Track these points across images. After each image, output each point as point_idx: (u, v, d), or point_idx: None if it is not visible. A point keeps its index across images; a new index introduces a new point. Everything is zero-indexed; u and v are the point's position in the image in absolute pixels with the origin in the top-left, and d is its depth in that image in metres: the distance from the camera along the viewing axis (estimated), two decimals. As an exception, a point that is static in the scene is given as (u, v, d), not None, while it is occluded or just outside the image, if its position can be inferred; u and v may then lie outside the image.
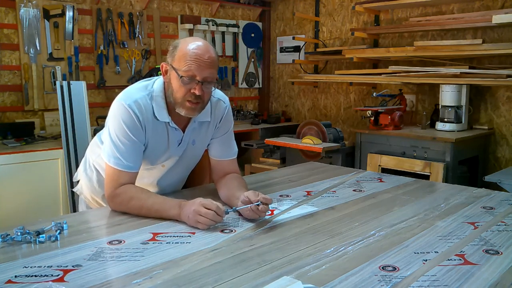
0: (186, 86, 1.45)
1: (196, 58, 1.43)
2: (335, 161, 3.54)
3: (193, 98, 1.46)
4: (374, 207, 1.59)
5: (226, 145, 1.72)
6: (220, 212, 1.34)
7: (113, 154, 1.48)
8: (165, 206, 1.42)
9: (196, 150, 1.70)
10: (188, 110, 1.49)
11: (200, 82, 1.45)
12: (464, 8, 3.62)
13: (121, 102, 1.49)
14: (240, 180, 1.67)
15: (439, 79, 3.44)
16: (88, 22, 3.78)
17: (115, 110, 1.50)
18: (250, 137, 4.49)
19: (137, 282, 1.00)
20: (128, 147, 1.48)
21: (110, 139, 1.49)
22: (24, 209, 2.88)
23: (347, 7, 4.38)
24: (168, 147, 1.59)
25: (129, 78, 3.98)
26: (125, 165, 1.49)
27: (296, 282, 1.00)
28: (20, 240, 1.22)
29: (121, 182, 1.49)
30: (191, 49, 1.44)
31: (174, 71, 1.46)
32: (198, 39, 1.50)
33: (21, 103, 3.46)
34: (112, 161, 1.48)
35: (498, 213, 1.52)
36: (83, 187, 1.79)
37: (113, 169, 1.49)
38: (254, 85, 5.09)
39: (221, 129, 1.70)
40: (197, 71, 1.43)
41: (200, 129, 1.64)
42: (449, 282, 1.00)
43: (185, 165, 1.73)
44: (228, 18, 4.80)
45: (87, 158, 1.77)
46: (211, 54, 1.46)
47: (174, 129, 1.57)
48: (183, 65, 1.44)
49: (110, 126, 1.51)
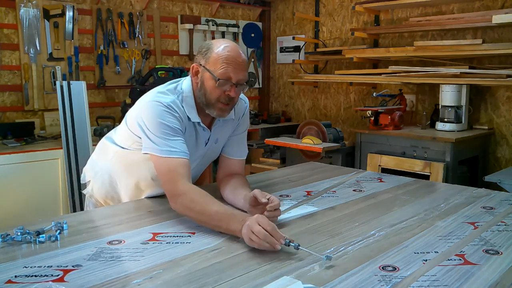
0: (221, 88, 1.46)
1: (232, 61, 1.45)
2: (335, 161, 3.53)
3: (226, 100, 1.48)
4: (374, 207, 1.59)
5: (240, 145, 1.74)
6: (275, 235, 1.17)
7: (163, 147, 1.44)
8: (229, 217, 1.29)
9: (217, 148, 1.71)
10: (219, 111, 1.51)
11: (234, 84, 1.46)
12: (464, 8, 3.62)
13: (156, 103, 1.47)
14: (245, 182, 1.66)
15: (439, 79, 3.44)
16: (88, 22, 3.78)
17: (152, 112, 1.46)
18: (250, 137, 4.49)
19: (137, 282, 1.00)
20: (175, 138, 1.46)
21: (154, 136, 1.45)
22: (24, 209, 2.88)
23: (347, 7, 4.38)
24: (197, 147, 1.60)
25: (129, 78, 3.97)
26: (179, 152, 1.44)
27: (296, 282, 1.00)
28: (20, 240, 1.22)
29: (179, 172, 1.42)
30: (226, 51, 1.46)
31: (209, 73, 1.47)
32: (229, 41, 1.52)
33: (21, 103, 3.46)
34: (165, 151, 1.43)
35: (498, 213, 1.52)
36: (94, 191, 1.77)
37: (168, 159, 1.43)
38: (254, 85, 5.09)
39: (240, 128, 1.72)
40: (232, 73, 1.45)
41: (223, 127, 1.66)
42: (449, 282, 1.00)
43: (205, 164, 1.75)
44: (228, 18, 4.80)
45: (96, 162, 1.75)
46: (243, 56, 1.49)
47: (203, 129, 1.58)
48: (218, 67, 1.45)
49: (150, 128, 1.46)
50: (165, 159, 1.43)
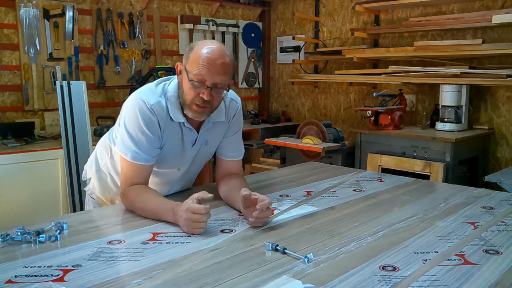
0: (195, 90, 1.44)
1: (208, 63, 1.42)
2: (335, 161, 3.53)
3: (201, 102, 1.46)
4: (374, 207, 1.59)
5: (235, 145, 1.73)
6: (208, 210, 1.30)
7: (130, 148, 1.48)
8: (162, 211, 1.41)
9: (209, 150, 1.70)
10: (195, 113, 1.49)
11: (209, 88, 1.44)
12: (464, 8, 3.62)
13: (138, 100, 1.49)
14: (243, 181, 1.66)
15: (439, 79, 3.44)
16: (88, 22, 3.78)
17: (133, 108, 1.49)
18: (250, 137, 4.49)
19: (137, 282, 1.00)
20: (145, 142, 1.48)
21: (127, 134, 1.48)
22: (24, 209, 2.88)
23: (347, 7, 4.38)
24: (183, 148, 1.59)
25: (129, 78, 3.97)
26: (142, 158, 1.48)
27: (296, 282, 1.00)
28: (20, 240, 1.22)
29: (137, 176, 1.49)
30: (204, 53, 1.42)
31: (186, 73, 1.46)
32: (215, 42, 1.49)
33: (21, 103, 3.46)
34: (130, 155, 1.48)
35: (498, 213, 1.52)
36: (95, 188, 1.78)
37: (130, 163, 1.49)
38: (254, 85, 5.09)
39: (232, 129, 1.70)
40: (207, 76, 1.42)
41: (214, 129, 1.64)
42: (449, 282, 1.00)
43: (198, 165, 1.74)
44: (228, 18, 4.80)
45: (98, 160, 1.76)
46: (225, 59, 1.44)
47: (189, 129, 1.57)
48: (194, 68, 1.43)
49: (126, 123, 1.49)
50: (129, 162, 1.49)
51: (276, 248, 1.18)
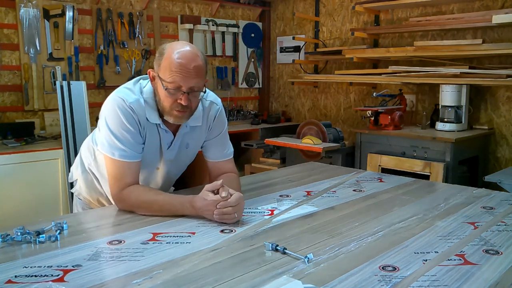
0: (172, 97, 1.44)
1: (181, 69, 1.40)
2: (335, 161, 3.53)
3: (180, 108, 1.46)
4: (374, 207, 1.59)
5: (221, 146, 1.72)
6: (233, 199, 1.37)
7: (117, 147, 1.47)
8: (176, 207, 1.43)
9: (190, 152, 1.70)
10: (176, 118, 1.49)
11: (186, 93, 1.43)
12: (464, 8, 3.62)
13: (117, 99, 1.48)
14: (235, 180, 1.66)
15: (439, 79, 3.44)
16: (88, 22, 3.78)
17: (112, 107, 1.48)
18: (250, 137, 4.49)
19: (137, 282, 1.00)
20: (130, 138, 1.48)
21: (111, 133, 1.47)
22: (24, 209, 2.88)
23: (347, 7, 4.38)
24: (161, 149, 1.59)
25: (129, 78, 3.93)
26: (129, 155, 1.48)
27: (296, 282, 1.00)
28: (20, 240, 1.22)
29: (128, 175, 1.48)
30: (176, 59, 1.41)
31: (160, 81, 1.44)
32: (184, 44, 1.46)
33: (21, 103, 3.46)
34: (117, 153, 1.47)
35: (498, 213, 1.52)
36: (82, 189, 1.77)
37: (119, 162, 1.47)
38: (254, 85, 5.09)
39: (215, 131, 1.69)
40: (182, 82, 1.42)
41: (193, 133, 1.64)
42: (449, 282, 1.00)
43: (179, 168, 1.73)
44: (228, 18, 4.80)
45: (82, 161, 1.75)
46: (197, 62, 1.43)
47: (165, 131, 1.57)
48: (168, 76, 1.41)
49: (108, 122, 1.49)
50: (118, 162, 1.47)
51: (276, 248, 1.18)
